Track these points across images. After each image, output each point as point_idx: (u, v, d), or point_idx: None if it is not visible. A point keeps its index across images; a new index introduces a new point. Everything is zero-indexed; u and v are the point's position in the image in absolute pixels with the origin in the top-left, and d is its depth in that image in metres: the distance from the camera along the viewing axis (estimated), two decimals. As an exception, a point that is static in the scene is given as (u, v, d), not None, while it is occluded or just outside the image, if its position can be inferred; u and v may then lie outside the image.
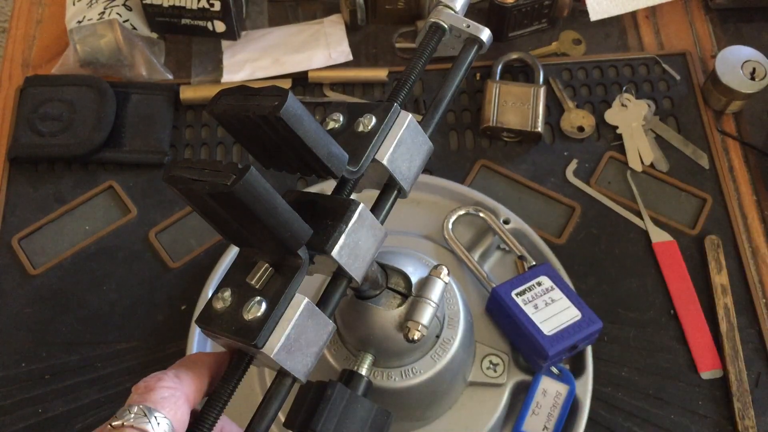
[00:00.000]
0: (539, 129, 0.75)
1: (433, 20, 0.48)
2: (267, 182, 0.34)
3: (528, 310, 0.58)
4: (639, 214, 0.72)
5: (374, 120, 0.42)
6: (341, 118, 0.43)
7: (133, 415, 0.35)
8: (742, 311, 0.67)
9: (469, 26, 0.48)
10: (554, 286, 0.60)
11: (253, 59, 0.81)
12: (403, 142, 0.42)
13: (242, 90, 0.37)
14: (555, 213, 0.73)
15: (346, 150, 0.39)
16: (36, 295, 0.69)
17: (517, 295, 0.59)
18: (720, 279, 0.68)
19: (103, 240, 0.72)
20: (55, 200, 0.74)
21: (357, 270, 0.40)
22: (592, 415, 0.63)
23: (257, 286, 0.38)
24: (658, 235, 0.71)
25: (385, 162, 0.42)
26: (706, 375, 0.65)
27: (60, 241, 0.72)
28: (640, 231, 0.71)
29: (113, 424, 0.35)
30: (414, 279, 0.50)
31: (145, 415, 0.35)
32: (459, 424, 0.59)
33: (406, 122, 0.43)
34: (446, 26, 0.48)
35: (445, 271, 0.50)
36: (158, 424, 0.35)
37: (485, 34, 0.48)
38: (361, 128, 0.42)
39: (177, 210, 0.73)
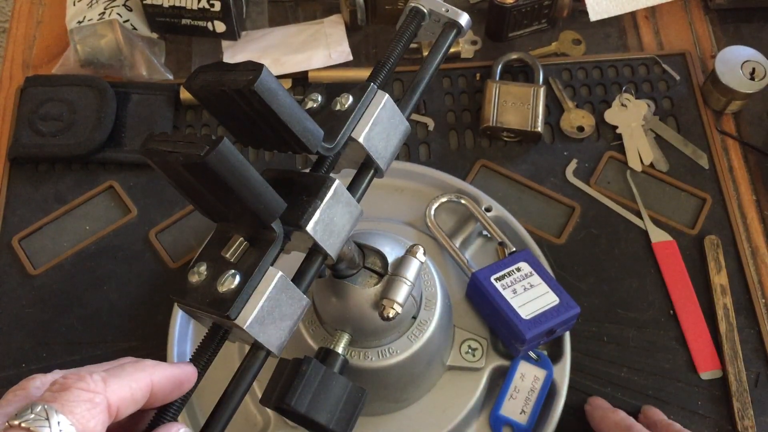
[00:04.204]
0: (539, 129, 0.75)
1: (413, 4, 0.49)
2: (240, 154, 0.34)
3: (507, 294, 0.59)
4: (639, 214, 0.72)
5: (351, 99, 0.43)
6: (319, 98, 0.44)
7: (32, 416, 0.30)
8: (742, 311, 0.67)
9: (447, 11, 0.49)
10: (533, 272, 0.60)
11: (253, 59, 0.80)
12: (379, 122, 0.43)
13: (219, 66, 0.38)
14: (555, 213, 0.73)
15: (323, 128, 0.40)
16: (36, 295, 0.70)
17: (496, 279, 0.60)
18: (719, 279, 0.68)
19: (103, 240, 0.72)
20: (56, 200, 0.74)
21: (332, 246, 0.41)
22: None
23: (232, 260, 0.39)
24: (658, 235, 0.71)
25: (361, 140, 0.42)
26: (705, 375, 0.65)
27: (60, 241, 0.72)
28: (640, 231, 0.71)
29: (10, 422, 0.31)
30: (390, 258, 0.50)
31: (47, 418, 0.30)
32: (437, 407, 0.60)
33: (382, 102, 0.44)
34: (425, 10, 0.49)
35: (421, 250, 0.50)
36: (60, 431, 0.30)
37: (464, 19, 0.49)
38: (338, 107, 0.43)
39: (177, 210, 0.73)
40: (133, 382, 0.34)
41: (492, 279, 0.60)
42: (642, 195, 0.73)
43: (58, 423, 0.30)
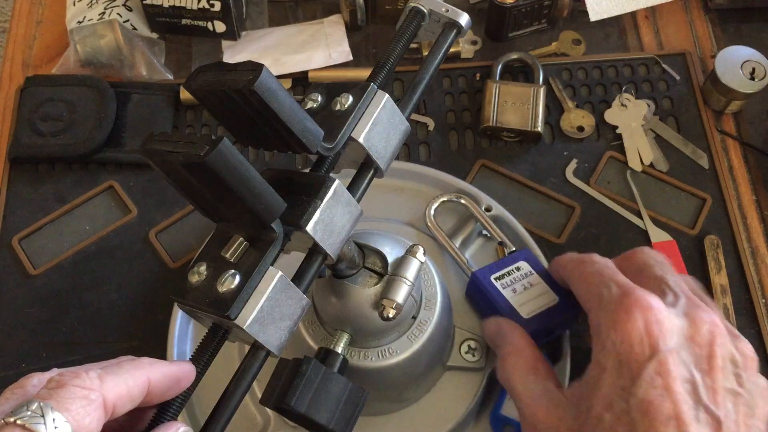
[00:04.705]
0: (539, 129, 0.75)
1: (413, 4, 0.50)
2: (240, 154, 0.34)
3: (506, 293, 0.59)
4: (639, 214, 0.72)
5: (351, 99, 0.43)
6: (319, 98, 0.44)
7: (28, 413, 0.31)
8: (742, 312, 0.67)
9: (447, 11, 0.49)
10: (533, 271, 0.60)
11: (253, 59, 0.80)
12: (379, 121, 0.43)
13: (219, 66, 0.38)
14: (555, 213, 0.73)
15: (323, 128, 0.40)
16: (36, 295, 0.70)
17: (495, 279, 0.60)
18: (719, 279, 0.68)
19: (103, 240, 0.72)
20: (56, 200, 0.74)
21: (332, 246, 0.41)
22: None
23: (232, 260, 0.39)
24: (658, 235, 0.71)
25: (361, 140, 0.43)
26: (705, 375, 0.65)
27: (60, 241, 0.72)
28: (640, 231, 0.71)
29: (6, 419, 0.31)
30: (391, 259, 0.50)
31: (42, 416, 0.31)
32: (437, 408, 0.60)
33: (383, 102, 0.44)
34: (425, 10, 0.49)
35: (421, 250, 0.50)
36: (55, 428, 0.31)
37: (464, 19, 0.49)
38: (338, 107, 0.43)
39: (177, 210, 0.73)
40: (129, 379, 0.35)
41: (492, 278, 0.60)
42: (642, 195, 0.73)
43: (53, 420, 0.31)
